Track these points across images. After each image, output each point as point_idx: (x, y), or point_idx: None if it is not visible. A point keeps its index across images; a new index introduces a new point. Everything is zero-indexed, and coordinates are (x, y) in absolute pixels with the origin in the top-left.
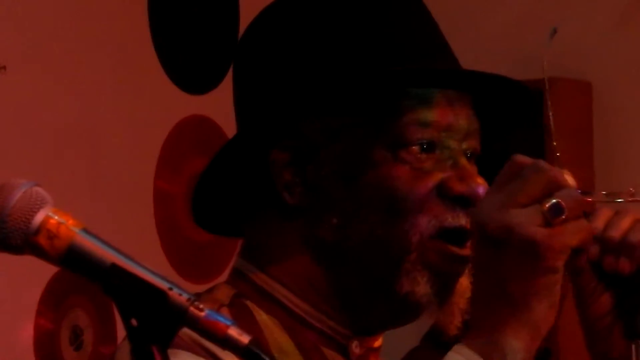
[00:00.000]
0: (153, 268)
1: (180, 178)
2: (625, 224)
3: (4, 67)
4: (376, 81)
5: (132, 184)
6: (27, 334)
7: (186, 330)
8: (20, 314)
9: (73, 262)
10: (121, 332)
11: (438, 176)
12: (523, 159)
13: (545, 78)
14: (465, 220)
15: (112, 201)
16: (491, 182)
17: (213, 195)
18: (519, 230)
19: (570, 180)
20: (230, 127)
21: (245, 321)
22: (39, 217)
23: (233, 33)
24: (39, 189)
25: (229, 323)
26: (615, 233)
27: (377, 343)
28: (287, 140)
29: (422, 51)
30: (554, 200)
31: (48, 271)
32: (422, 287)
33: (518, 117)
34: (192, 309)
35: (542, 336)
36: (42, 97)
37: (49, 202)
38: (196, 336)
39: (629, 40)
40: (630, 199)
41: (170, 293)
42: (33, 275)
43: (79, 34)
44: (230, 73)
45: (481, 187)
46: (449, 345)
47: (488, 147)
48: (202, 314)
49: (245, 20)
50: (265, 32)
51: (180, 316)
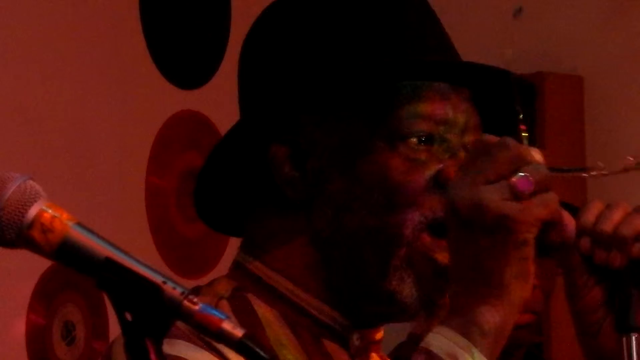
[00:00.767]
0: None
1: (172, 173)
2: (616, 217)
3: None
4: (372, 73)
5: (123, 179)
6: (19, 329)
7: None
8: (12, 310)
9: (67, 256)
10: (113, 327)
11: (435, 166)
12: (489, 138)
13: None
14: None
15: (104, 196)
16: None
17: (214, 190)
18: (489, 205)
19: (537, 156)
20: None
21: (245, 314)
22: (33, 211)
23: (224, 28)
24: (32, 183)
25: (222, 317)
26: (607, 226)
27: (379, 335)
28: (286, 134)
29: (421, 45)
30: (521, 174)
31: (40, 267)
32: (407, 287)
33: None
34: (186, 302)
35: (519, 309)
36: (33, 93)
37: (43, 196)
38: None
39: (620, 34)
40: (596, 173)
41: (165, 287)
42: (25, 271)
43: (70, 29)
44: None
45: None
46: None
47: None
48: (196, 307)
49: (236, 15)
50: (266, 28)
51: (174, 310)
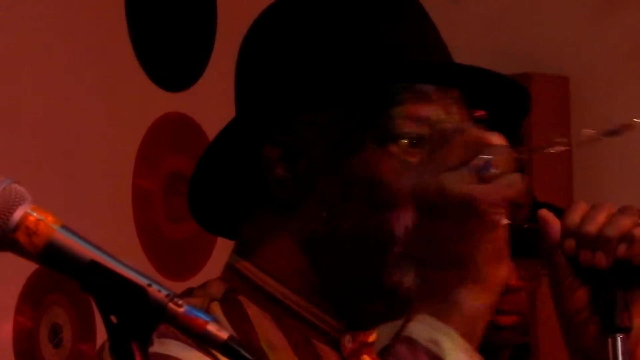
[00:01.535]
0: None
1: (158, 175)
2: (601, 218)
3: None
4: (363, 75)
5: (110, 181)
6: (6, 332)
7: None
8: None
9: (52, 258)
10: (100, 329)
11: None
12: (447, 125)
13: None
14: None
15: (90, 199)
16: None
17: (207, 191)
18: (453, 191)
19: (497, 139)
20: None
21: (236, 316)
22: (18, 214)
23: (211, 30)
24: (17, 186)
25: (207, 319)
26: (591, 227)
27: (372, 338)
28: (278, 135)
29: (413, 47)
30: (483, 157)
31: (26, 269)
32: (407, 279)
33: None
34: (171, 305)
35: (497, 291)
36: (18, 95)
37: (28, 199)
38: None
39: (606, 34)
40: (557, 148)
41: (149, 289)
42: (12, 274)
43: (56, 31)
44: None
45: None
46: None
47: None
48: (181, 309)
49: (222, 16)
50: (262, 30)
51: (160, 312)
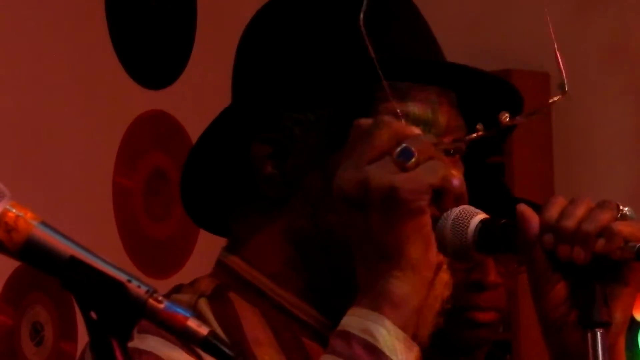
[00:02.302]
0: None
1: (139, 173)
2: (579, 212)
3: None
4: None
5: (90, 179)
6: None
7: None
8: None
9: (31, 255)
10: (82, 327)
11: None
12: (364, 121)
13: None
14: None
15: (71, 197)
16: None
17: (198, 187)
18: (375, 181)
19: (416, 130)
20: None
21: (224, 312)
22: None
23: (190, 28)
24: None
25: (187, 314)
26: (570, 222)
27: None
28: (267, 133)
29: (402, 46)
30: (402, 145)
31: (7, 268)
32: None
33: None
34: (151, 300)
35: (427, 278)
36: None
37: (7, 195)
38: None
39: (587, 30)
40: (475, 135)
41: (129, 285)
42: None
43: (36, 28)
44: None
45: (455, 179)
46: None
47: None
48: (161, 305)
49: (202, 14)
50: (255, 29)
51: (139, 308)
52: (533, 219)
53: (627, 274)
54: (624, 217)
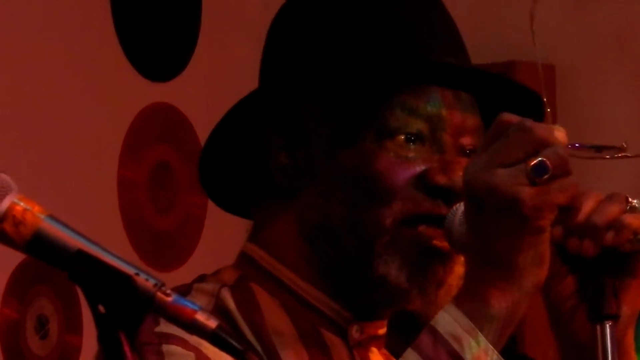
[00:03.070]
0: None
1: (144, 166)
2: (588, 205)
3: None
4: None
5: (95, 172)
6: None
7: None
8: None
9: (39, 248)
10: (87, 320)
11: (421, 166)
12: (509, 117)
13: None
14: (445, 211)
15: (76, 190)
16: None
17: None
18: (503, 190)
19: (560, 136)
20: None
21: (246, 302)
22: (5, 204)
23: (196, 20)
24: (4, 176)
25: (196, 308)
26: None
27: (381, 331)
28: (282, 123)
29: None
30: (538, 159)
31: (13, 261)
32: (394, 271)
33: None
34: (159, 294)
35: (531, 293)
36: (2, 86)
37: (14, 189)
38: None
39: (592, 22)
40: (620, 155)
41: (137, 278)
42: None
43: (41, 21)
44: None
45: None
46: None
47: None
48: (169, 299)
49: (207, 6)
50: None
51: (147, 302)
52: None
53: (636, 266)
54: (633, 209)
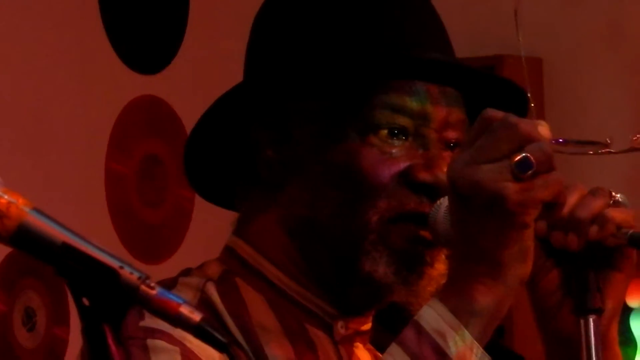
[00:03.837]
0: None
1: (131, 159)
2: (572, 199)
3: None
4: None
5: (83, 164)
6: None
7: None
8: None
9: (23, 241)
10: (74, 313)
11: (405, 162)
12: (493, 113)
13: None
14: (429, 209)
15: (63, 183)
16: None
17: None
18: (487, 185)
19: (543, 131)
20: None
21: (231, 297)
22: None
23: (183, 12)
24: None
25: (180, 301)
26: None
27: (366, 326)
28: (268, 118)
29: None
30: (523, 155)
31: None
32: (381, 267)
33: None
34: (143, 287)
35: (515, 289)
36: None
37: None
38: None
39: (579, 15)
40: (604, 151)
41: (121, 271)
42: None
43: (27, 12)
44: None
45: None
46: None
47: None
48: (153, 292)
49: None
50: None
51: (132, 294)
52: None
53: (619, 260)
54: (616, 203)
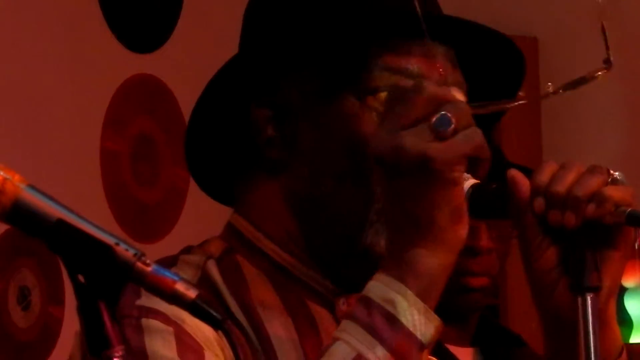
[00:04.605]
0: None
1: (126, 137)
2: (570, 177)
3: None
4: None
5: (78, 143)
6: None
7: None
8: None
9: (19, 218)
10: (69, 292)
11: None
12: (403, 83)
13: None
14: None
15: (58, 162)
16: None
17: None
18: (409, 149)
19: (457, 95)
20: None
21: (232, 275)
22: None
23: None
24: None
25: (176, 278)
26: (560, 187)
27: None
28: (266, 96)
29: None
30: (441, 113)
31: None
32: (382, 240)
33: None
34: (138, 264)
35: (456, 249)
36: None
37: None
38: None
39: None
40: (512, 104)
41: (117, 248)
42: None
43: None
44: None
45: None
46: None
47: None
48: (149, 269)
49: None
50: None
51: (127, 271)
52: (524, 184)
53: (617, 238)
54: (614, 182)
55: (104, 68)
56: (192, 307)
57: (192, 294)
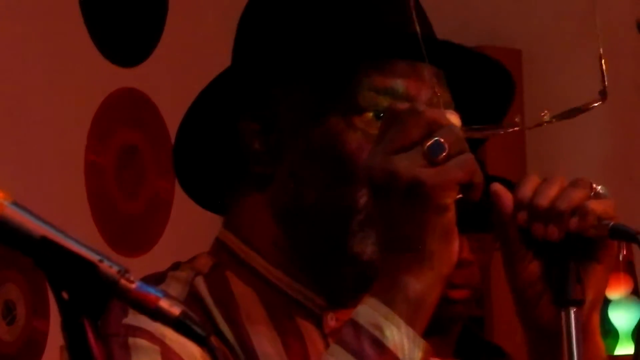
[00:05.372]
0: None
1: (111, 151)
2: (552, 191)
3: None
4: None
5: (62, 157)
6: None
7: None
8: None
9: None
10: (54, 306)
11: None
12: (400, 106)
13: None
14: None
15: (42, 175)
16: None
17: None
18: (401, 173)
19: (452, 118)
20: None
21: (220, 291)
22: None
23: (163, 5)
24: None
25: (160, 295)
26: (543, 201)
27: None
28: (254, 110)
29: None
30: (434, 139)
31: None
32: (368, 248)
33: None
34: (122, 281)
35: (446, 273)
36: None
37: None
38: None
39: (558, 7)
40: (507, 129)
41: (101, 265)
42: None
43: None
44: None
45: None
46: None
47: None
48: (133, 285)
49: None
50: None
51: (111, 288)
52: (507, 198)
53: (600, 251)
54: (597, 195)
55: (88, 82)
56: (176, 324)
57: (175, 310)
